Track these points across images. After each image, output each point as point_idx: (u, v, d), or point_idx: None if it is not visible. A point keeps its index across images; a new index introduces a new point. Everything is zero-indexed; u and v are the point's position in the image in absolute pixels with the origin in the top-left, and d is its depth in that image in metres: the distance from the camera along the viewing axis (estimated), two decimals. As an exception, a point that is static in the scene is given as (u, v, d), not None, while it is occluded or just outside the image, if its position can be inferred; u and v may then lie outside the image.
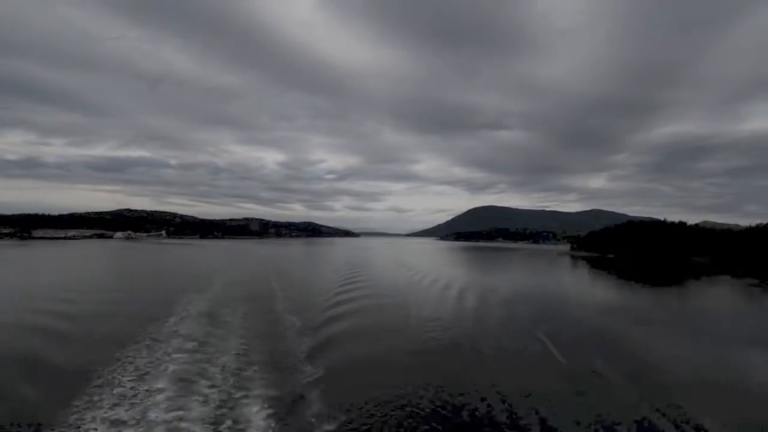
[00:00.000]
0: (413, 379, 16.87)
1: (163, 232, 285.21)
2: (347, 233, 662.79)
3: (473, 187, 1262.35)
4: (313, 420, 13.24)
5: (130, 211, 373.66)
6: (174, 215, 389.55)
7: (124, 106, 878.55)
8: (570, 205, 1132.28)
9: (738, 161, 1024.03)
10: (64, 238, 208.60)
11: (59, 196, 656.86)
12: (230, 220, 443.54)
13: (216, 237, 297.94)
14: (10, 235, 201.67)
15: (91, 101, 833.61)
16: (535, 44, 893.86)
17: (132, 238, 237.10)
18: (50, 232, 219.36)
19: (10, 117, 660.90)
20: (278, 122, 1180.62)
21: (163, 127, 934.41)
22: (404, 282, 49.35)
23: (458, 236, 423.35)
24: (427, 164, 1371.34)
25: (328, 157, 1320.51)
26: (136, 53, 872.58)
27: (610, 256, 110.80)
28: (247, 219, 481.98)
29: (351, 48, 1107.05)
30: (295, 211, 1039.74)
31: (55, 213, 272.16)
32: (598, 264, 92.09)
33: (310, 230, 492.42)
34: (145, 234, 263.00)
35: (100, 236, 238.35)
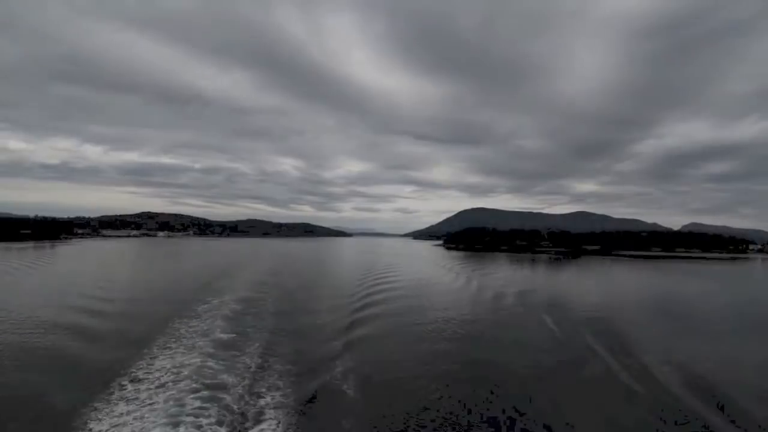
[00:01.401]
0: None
1: (191, 231, 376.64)
2: (341, 233, 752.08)
3: (477, 190, 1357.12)
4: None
5: (154, 213, 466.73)
6: (194, 218, 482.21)
7: (162, 120, 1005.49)
8: (562, 207, 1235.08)
9: (730, 167, 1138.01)
10: (128, 236, 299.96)
11: (84, 198, 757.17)
12: (235, 221, 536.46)
13: (230, 236, 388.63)
14: (89, 234, 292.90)
15: (133, 115, 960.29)
16: (544, 71, 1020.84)
17: (171, 236, 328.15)
18: (114, 232, 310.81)
19: (59, 127, 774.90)
20: (300, 134, 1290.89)
21: (193, 138, 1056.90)
22: (306, 255, 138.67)
23: (430, 236, 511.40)
24: (439, 170, 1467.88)
25: (347, 163, 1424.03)
26: (172, 77, 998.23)
27: (455, 245, 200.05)
28: (252, 220, 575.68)
29: (375, 72, 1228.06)
30: (304, 212, 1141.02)
31: (89, 215, 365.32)
32: (447, 248, 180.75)
33: (307, 230, 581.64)
34: (179, 233, 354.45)
35: (147, 234, 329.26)
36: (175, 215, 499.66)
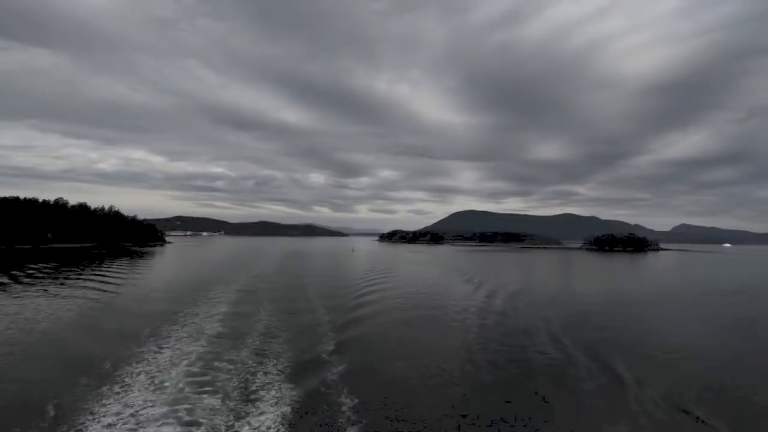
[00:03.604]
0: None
1: (222, 231, 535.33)
2: (338, 233, 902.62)
3: (486, 194, 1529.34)
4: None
5: (186, 217, 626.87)
6: (216, 221, 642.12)
7: (217, 136, 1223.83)
8: (556, 209, 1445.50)
9: (721, 175, 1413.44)
10: (184, 236, 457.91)
11: (124, 200, 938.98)
12: (251, 223, 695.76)
13: (251, 235, 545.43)
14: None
15: (197, 133, 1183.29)
16: (564, 105, 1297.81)
17: (212, 235, 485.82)
18: (173, 233, 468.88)
19: (135, 140, 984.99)
20: (335, 149, 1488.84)
21: (238, 152, 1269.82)
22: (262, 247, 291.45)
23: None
24: (460, 178, 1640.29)
25: (373, 172, 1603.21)
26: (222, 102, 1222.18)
27: (387, 240, 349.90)
28: (263, 222, 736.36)
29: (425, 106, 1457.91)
30: (322, 213, 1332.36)
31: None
32: (380, 242, 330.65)
33: (309, 230, 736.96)
34: (216, 233, 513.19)
35: (195, 234, 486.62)
36: (202, 219, 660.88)
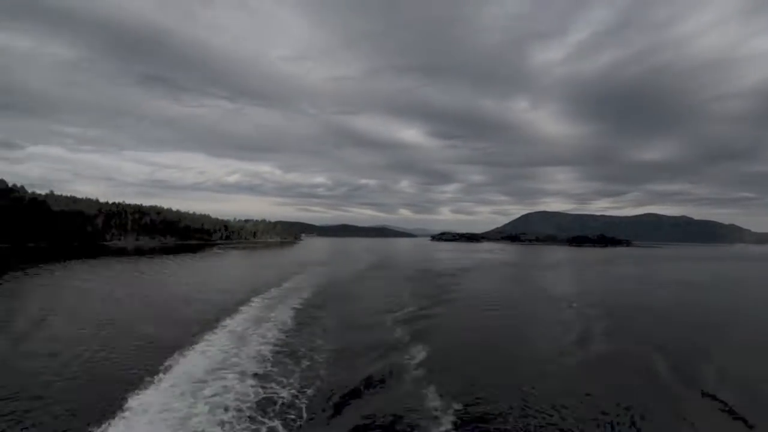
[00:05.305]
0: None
1: (315, 234, 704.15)
2: (408, 234, 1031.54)
3: (569, 195, 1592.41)
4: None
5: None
6: (310, 225, 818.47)
7: (325, 151, 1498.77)
8: (642, 209, 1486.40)
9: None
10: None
11: (235, 207, 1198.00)
12: (334, 225, 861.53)
13: (334, 236, 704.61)
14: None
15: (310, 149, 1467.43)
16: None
17: (308, 236, 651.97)
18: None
19: (263, 157, 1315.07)
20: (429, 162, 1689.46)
21: (339, 164, 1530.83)
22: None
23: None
24: (550, 180, 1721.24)
25: (465, 178, 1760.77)
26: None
27: (439, 239, 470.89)
28: (344, 225, 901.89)
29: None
30: (403, 216, 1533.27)
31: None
32: (433, 241, 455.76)
33: (382, 232, 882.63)
34: (311, 235, 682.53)
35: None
36: (296, 222, 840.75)
